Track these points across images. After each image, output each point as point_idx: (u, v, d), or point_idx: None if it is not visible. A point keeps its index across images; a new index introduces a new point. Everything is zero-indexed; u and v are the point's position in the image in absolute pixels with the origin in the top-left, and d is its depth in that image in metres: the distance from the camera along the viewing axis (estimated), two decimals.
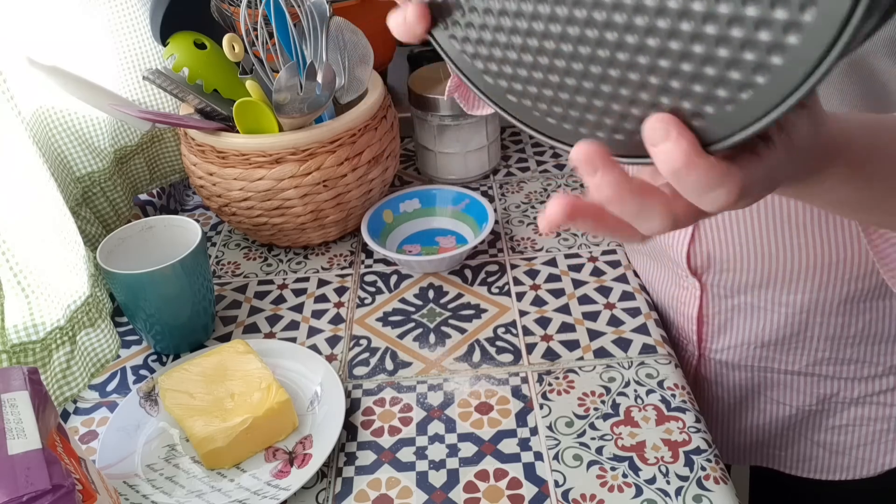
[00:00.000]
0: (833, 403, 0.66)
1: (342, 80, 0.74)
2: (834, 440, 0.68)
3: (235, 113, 0.69)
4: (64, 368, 0.62)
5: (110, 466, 0.56)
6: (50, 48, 0.70)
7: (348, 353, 0.66)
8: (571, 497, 0.52)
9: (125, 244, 0.67)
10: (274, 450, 0.57)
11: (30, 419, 0.41)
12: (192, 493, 0.54)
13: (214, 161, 0.72)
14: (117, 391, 0.65)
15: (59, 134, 0.73)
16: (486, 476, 0.54)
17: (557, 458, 0.55)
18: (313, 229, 0.76)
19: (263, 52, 0.71)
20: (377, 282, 0.75)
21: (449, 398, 0.61)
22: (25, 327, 0.59)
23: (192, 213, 0.90)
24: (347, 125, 0.71)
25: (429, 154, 0.88)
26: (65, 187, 0.71)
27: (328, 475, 0.55)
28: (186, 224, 0.68)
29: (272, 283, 0.76)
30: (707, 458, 0.54)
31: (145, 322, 0.65)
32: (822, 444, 0.68)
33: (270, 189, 0.71)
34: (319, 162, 0.70)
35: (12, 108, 0.57)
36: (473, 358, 0.64)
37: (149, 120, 0.71)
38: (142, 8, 0.79)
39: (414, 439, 0.57)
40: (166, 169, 0.88)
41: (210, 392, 0.57)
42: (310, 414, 0.59)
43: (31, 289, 0.58)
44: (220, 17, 0.76)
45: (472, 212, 0.78)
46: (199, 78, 0.73)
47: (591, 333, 0.66)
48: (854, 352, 0.63)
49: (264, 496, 0.52)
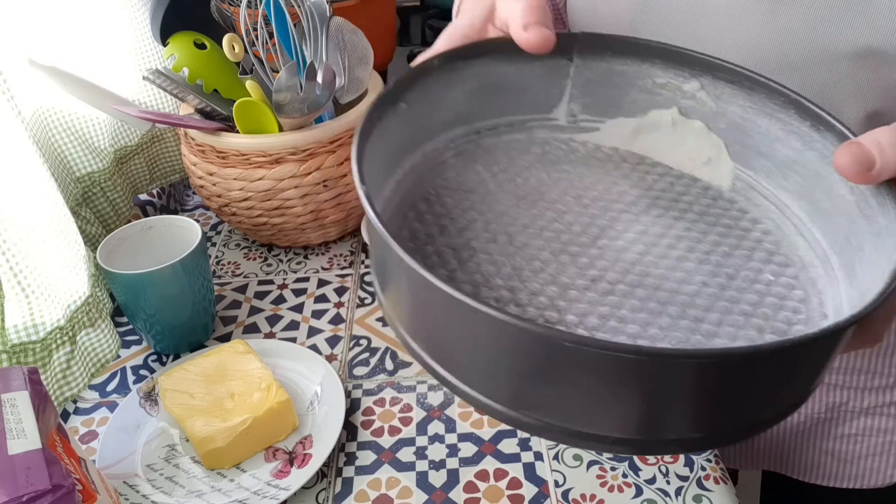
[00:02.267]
0: (842, 412, 0.66)
1: (342, 80, 0.74)
2: (843, 449, 0.67)
3: (235, 113, 0.69)
4: (64, 368, 0.62)
5: (110, 466, 0.56)
6: (50, 48, 0.70)
7: (348, 353, 0.66)
8: (571, 497, 0.52)
9: (125, 244, 0.67)
10: (274, 450, 0.57)
11: (30, 419, 0.41)
12: (192, 493, 0.54)
13: (214, 161, 0.72)
14: (117, 391, 0.65)
15: (59, 134, 0.73)
16: (486, 476, 0.54)
17: (557, 457, 0.55)
18: (313, 229, 0.76)
19: (263, 52, 0.71)
20: None
21: (449, 398, 0.61)
22: (25, 327, 0.59)
23: (192, 213, 0.90)
24: (347, 125, 0.71)
25: None
26: (65, 187, 0.71)
27: (328, 475, 0.55)
28: (186, 224, 0.68)
29: (272, 283, 0.76)
30: (707, 458, 0.54)
31: (145, 322, 0.65)
32: (831, 452, 0.68)
33: (270, 189, 0.71)
34: (319, 162, 0.70)
35: (12, 108, 0.57)
36: None
37: (149, 120, 0.71)
38: (142, 8, 0.79)
39: (414, 439, 0.57)
40: (166, 169, 0.88)
41: (210, 392, 0.57)
42: (310, 414, 0.59)
43: (31, 289, 0.58)
44: (220, 17, 0.76)
45: None
46: (199, 78, 0.73)
47: None
48: (864, 362, 0.62)
49: (264, 496, 0.52)
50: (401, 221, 0.42)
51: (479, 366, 0.31)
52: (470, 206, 0.43)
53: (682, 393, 0.29)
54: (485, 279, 0.38)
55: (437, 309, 0.31)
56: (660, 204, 0.44)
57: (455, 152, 0.46)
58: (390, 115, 0.40)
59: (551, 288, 0.38)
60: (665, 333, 0.35)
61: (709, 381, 0.28)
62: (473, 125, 0.47)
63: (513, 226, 0.42)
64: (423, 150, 0.45)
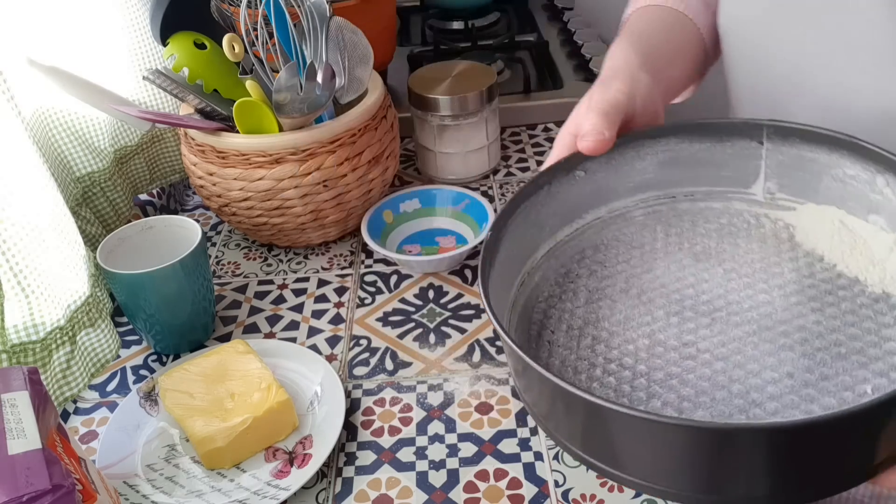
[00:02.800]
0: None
1: (342, 80, 0.74)
2: None
3: (235, 113, 0.69)
4: (64, 368, 0.62)
5: (110, 466, 0.56)
6: (50, 48, 0.70)
7: (348, 353, 0.66)
8: (571, 497, 0.52)
9: (125, 244, 0.67)
10: (274, 450, 0.57)
11: (30, 419, 0.41)
12: (192, 493, 0.54)
13: (214, 161, 0.72)
14: (117, 391, 0.65)
15: (59, 134, 0.73)
16: (486, 476, 0.54)
17: (557, 457, 0.55)
18: (313, 229, 0.76)
19: (263, 52, 0.71)
20: (377, 282, 0.75)
21: (449, 398, 0.61)
22: (25, 327, 0.59)
23: (192, 213, 0.90)
24: (347, 125, 0.71)
25: (429, 154, 0.88)
26: (65, 187, 0.71)
27: (328, 475, 0.55)
28: (186, 224, 0.68)
29: (272, 283, 0.76)
30: None
31: (145, 322, 0.65)
32: None
33: (270, 189, 0.71)
34: (319, 162, 0.70)
35: (12, 108, 0.57)
36: (473, 358, 0.64)
37: (149, 120, 0.71)
38: (142, 8, 0.79)
39: (414, 439, 0.57)
40: (166, 169, 0.88)
41: (210, 392, 0.57)
42: (310, 414, 0.59)
43: (31, 289, 0.58)
44: (220, 17, 0.76)
45: (472, 212, 0.78)
46: (199, 78, 0.73)
47: None
48: None
49: (264, 496, 0.52)
50: (565, 259, 0.50)
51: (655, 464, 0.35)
52: (626, 260, 0.49)
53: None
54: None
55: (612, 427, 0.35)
56: (807, 292, 0.44)
57: (645, 212, 0.52)
58: (562, 182, 0.48)
59: (643, 341, 0.43)
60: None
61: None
62: (666, 191, 0.52)
63: (651, 283, 0.47)
64: (609, 207, 0.51)
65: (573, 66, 1.07)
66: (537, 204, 0.47)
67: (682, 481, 0.34)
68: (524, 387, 0.40)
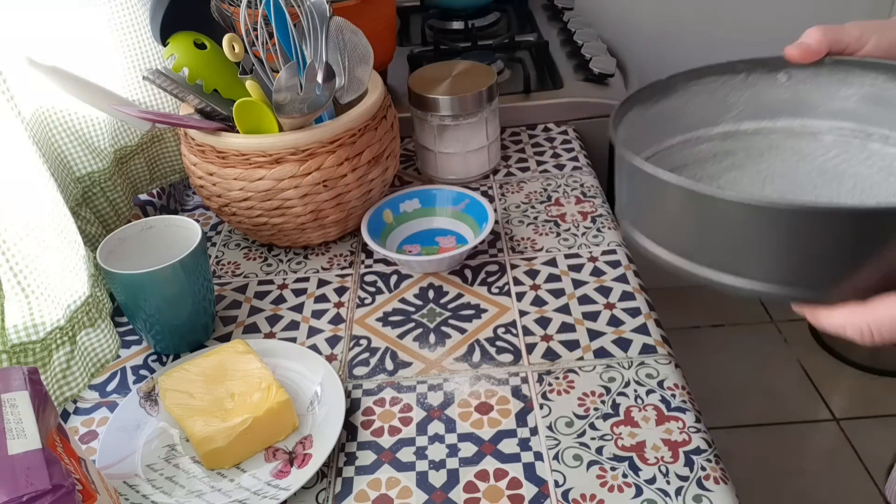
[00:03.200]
0: None
1: (342, 80, 0.74)
2: None
3: (235, 113, 0.69)
4: (64, 368, 0.62)
5: (110, 466, 0.56)
6: (50, 48, 0.70)
7: (348, 353, 0.66)
8: (571, 497, 0.52)
9: (125, 244, 0.67)
10: (274, 450, 0.57)
11: (30, 419, 0.41)
12: (192, 493, 0.54)
13: (214, 161, 0.72)
14: (117, 391, 0.65)
15: (59, 134, 0.73)
16: (486, 476, 0.54)
17: (557, 458, 0.55)
18: (313, 229, 0.76)
19: (263, 52, 0.71)
20: (377, 282, 0.75)
21: (449, 398, 0.61)
22: (25, 327, 0.59)
23: (192, 213, 0.90)
24: (347, 125, 0.71)
25: (429, 154, 0.88)
26: (65, 187, 0.71)
27: (328, 475, 0.55)
28: (186, 224, 0.68)
29: (272, 283, 0.76)
30: (707, 458, 0.54)
31: (145, 322, 0.65)
32: None
33: (270, 189, 0.71)
34: (319, 162, 0.70)
35: (12, 108, 0.57)
36: (473, 358, 0.64)
37: (149, 120, 0.71)
38: (142, 8, 0.79)
39: (414, 439, 0.57)
40: (166, 169, 0.88)
41: (210, 392, 0.57)
42: (310, 414, 0.59)
43: (31, 289, 0.58)
44: (220, 17, 0.76)
45: (472, 212, 0.78)
46: (199, 78, 0.73)
47: (591, 333, 0.66)
48: None
49: (264, 496, 0.52)
50: (734, 146, 0.50)
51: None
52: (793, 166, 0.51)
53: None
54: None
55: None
56: None
57: (836, 139, 0.52)
58: (762, 76, 0.49)
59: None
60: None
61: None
62: (864, 126, 0.51)
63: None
64: (804, 122, 0.52)
65: (573, 66, 1.07)
66: (729, 85, 0.48)
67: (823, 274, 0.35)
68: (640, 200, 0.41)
